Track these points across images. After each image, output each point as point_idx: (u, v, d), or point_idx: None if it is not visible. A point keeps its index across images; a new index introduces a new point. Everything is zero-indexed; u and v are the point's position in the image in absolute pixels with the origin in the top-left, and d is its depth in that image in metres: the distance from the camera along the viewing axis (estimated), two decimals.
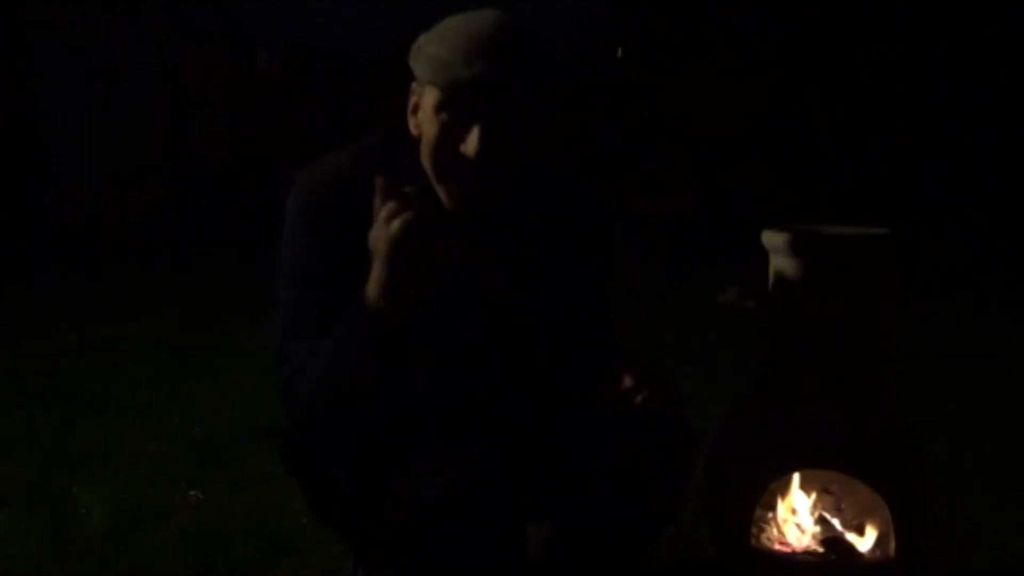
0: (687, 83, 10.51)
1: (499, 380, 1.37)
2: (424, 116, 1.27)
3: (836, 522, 1.76)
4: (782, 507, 1.80)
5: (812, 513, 1.77)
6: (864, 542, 1.73)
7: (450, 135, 1.23)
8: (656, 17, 11.62)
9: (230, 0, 11.68)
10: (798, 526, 1.78)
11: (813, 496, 1.77)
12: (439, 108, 1.23)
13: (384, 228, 1.12)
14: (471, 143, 1.22)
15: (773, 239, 1.70)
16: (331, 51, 11.88)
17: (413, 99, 1.30)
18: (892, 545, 1.66)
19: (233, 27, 11.65)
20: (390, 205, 1.12)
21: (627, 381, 1.31)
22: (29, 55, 8.92)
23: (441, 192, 1.28)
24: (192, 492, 2.43)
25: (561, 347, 1.42)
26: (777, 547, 1.76)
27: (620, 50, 11.88)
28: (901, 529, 1.65)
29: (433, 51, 1.23)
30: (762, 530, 1.77)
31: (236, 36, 11.58)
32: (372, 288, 1.15)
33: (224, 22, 11.55)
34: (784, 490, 1.79)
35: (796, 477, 1.76)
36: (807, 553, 1.75)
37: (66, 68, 9.25)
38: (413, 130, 1.30)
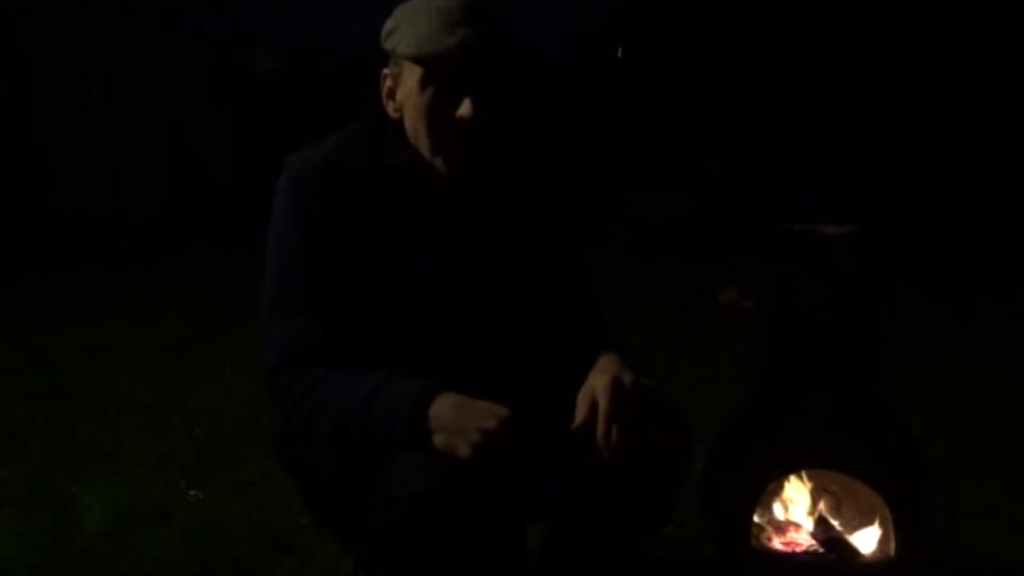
0: (687, 83, 10.50)
1: (491, 371, 1.38)
2: (408, 94, 1.31)
3: (836, 522, 1.77)
4: (782, 507, 1.80)
5: (812, 513, 1.77)
6: (864, 542, 1.73)
7: (441, 105, 1.28)
8: (656, 17, 11.63)
9: (230, 0, 11.68)
10: (798, 526, 1.78)
11: (813, 496, 1.78)
12: (425, 82, 1.28)
13: (492, 434, 1.15)
14: (466, 107, 1.26)
15: (772, 239, 1.70)
16: (331, 51, 11.88)
17: (387, 84, 1.35)
18: (892, 545, 1.66)
19: (233, 27, 11.65)
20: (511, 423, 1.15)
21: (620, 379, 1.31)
22: (29, 55, 8.91)
23: (437, 163, 1.32)
24: (192, 492, 2.43)
25: (547, 319, 1.45)
26: (777, 547, 1.76)
27: (620, 50, 11.88)
28: (901, 529, 1.65)
29: (411, 29, 1.27)
30: (762, 530, 1.78)
31: (236, 36, 11.58)
32: (439, 421, 1.18)
33: (224, 22, 11.54)
34: (784, 490, 1.79)
35: (796, 477, 1.76)
36: (807, 553, 1.75)
37: (66, 68, 9.24)
38: (393, 113, 1.35)
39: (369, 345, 1.33)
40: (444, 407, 1.19)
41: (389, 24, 1.32)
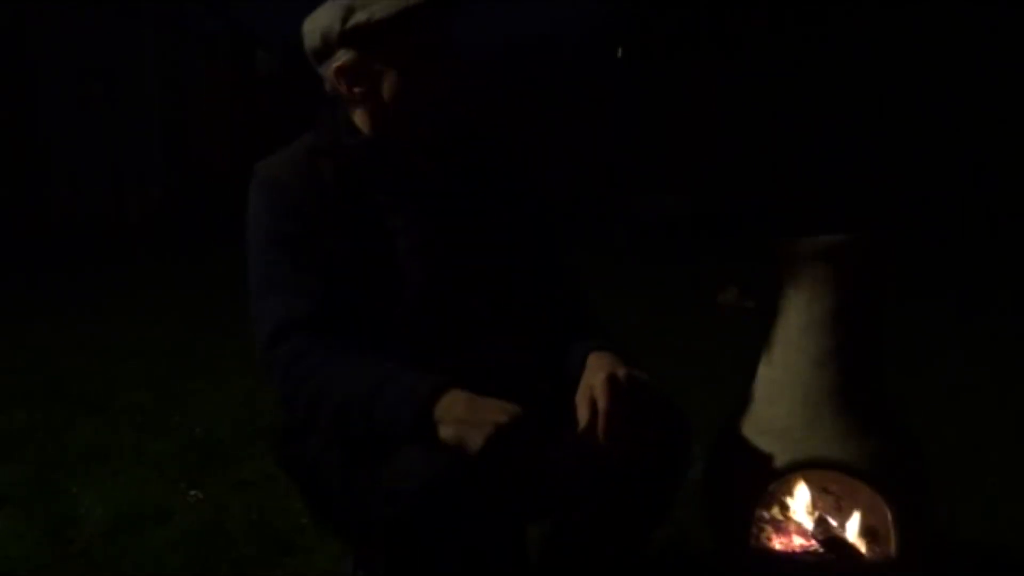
0: (687, 82, 10.51)
1: (486, 362, 1.38)
2: (389, 65, 1.35)
3: (836, 522, 1.76)
4: (782, 507, 1.80)
5: (812, 513, 1.77)
6: (864, 542, 1.73)
7: (427, 59, 1.35)
8: (656, 17, 11.62)
9: (230, 0, 11.68)
10: (798, 526, 1.78)
11: (813, 496, 1.77)
12: (405, 43, 1.33)
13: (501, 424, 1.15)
14: (450, 53, 1.35)
15: (773, 242, 1.70)
16: None
17: (344, 76, 1.38)
18: (892, 545, 1.66)
19: (233, 27, 11.64)
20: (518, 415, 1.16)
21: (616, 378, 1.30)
22: (29, 55, 8.91)
23: (426, 120, 1.39)
24: (192, 492, 2.43)
25: (519, 294, 1.46)
26: (777, 547, 1.76)
27: (620, 50, 11.87)
28: (901, 529, 1.65)
29: (375, 4, 1.32)
30: (762, 530, 1.77)
31: (236, 36, 11.57)
32: (449, 414, 1.18)
33: (224, 22, 11.54)
34: (784, 490, 1.79)
35: (796, 477, 1.76)
36: (807, 553, 1.75)
37: (66, 68, 9.25)
38: (357, 99, 1.39)
39: (355, 316, 1.35)
40: (454, 401, 1.20)
41: (336, 14, 1.35)
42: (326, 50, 1.38)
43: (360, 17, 1.33)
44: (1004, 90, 9.35)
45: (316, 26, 1.38)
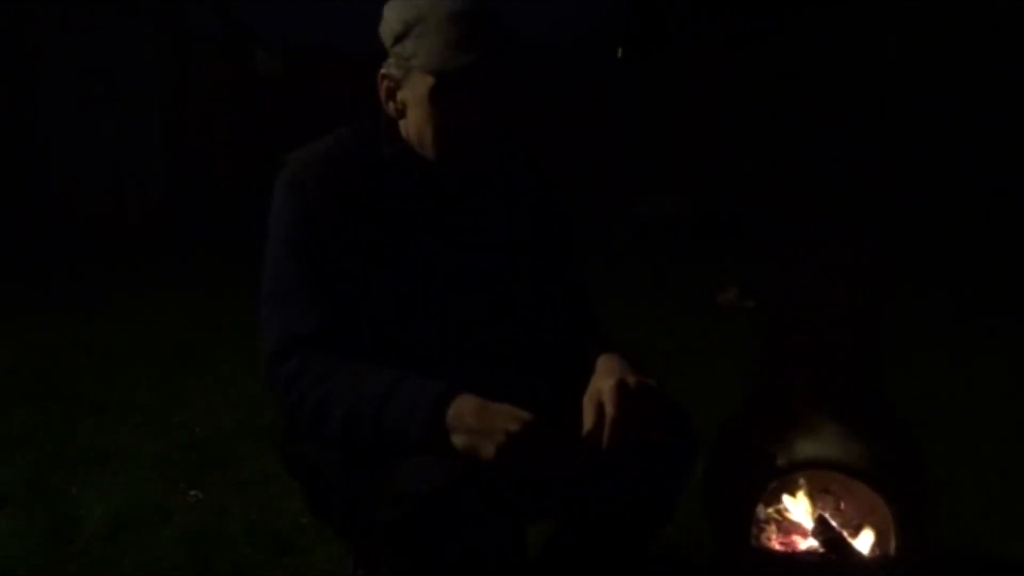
0: (687, 83, 10.51)
1: (493, 370, 1.38)
2: (417, 101, 1.33)
3: (836, 522, 1.77)
4: (782, 507, 1.80)
5: (812, 513, 1.77)
6: (864, 542, 1.73)
7: (454, 116, 1.31)
8: (656, 18, 11.62)
9: (230, 0, 11.67)
10: (798, 526, 1.78)
11: (813, 496, 1.78)
12: (438, 92, 1.30)
13: (515, 432, 1.16)
14: (479, 117, 1.31)
15: (772, 241, 1.70)
16: (331, 51, 11.88)
17: (387, 84, 1.36)
18: (892, 545, 1.66)
19: (233, 27, 11.63)
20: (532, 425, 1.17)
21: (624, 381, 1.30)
22: (29, 55, 8.91)
23: (441, 162, 1.36)
24: (192, 492, 2.43)
25: (542, 308, 1.47)
26: (777, 547, 1.76)
27: (620, 50, 11.87)
28: (901, 529, 1.65)
29: (425, 41, 1.29)
30: (762, 530, 1.78)
31: (236, 36, 11.57)
32: (460, 422, 1.18)
33: (224, 22, 11.53)
34: (784, 490, 1.79)
35: (796, 477, 1.76)
36: (807, 553, 1.75)
37: (66, 68, 9.24)
38: (394, 113, 1.37)
39: (367, 332, 1.34)
40: (465, 408, 1.19)
41: (395, 26, 1.32)
42: (384, 47, 1.36)
43: (406, 49, 1.30)
44: (1004, 90, 9.35)
45: (384, 20, 1.34)
